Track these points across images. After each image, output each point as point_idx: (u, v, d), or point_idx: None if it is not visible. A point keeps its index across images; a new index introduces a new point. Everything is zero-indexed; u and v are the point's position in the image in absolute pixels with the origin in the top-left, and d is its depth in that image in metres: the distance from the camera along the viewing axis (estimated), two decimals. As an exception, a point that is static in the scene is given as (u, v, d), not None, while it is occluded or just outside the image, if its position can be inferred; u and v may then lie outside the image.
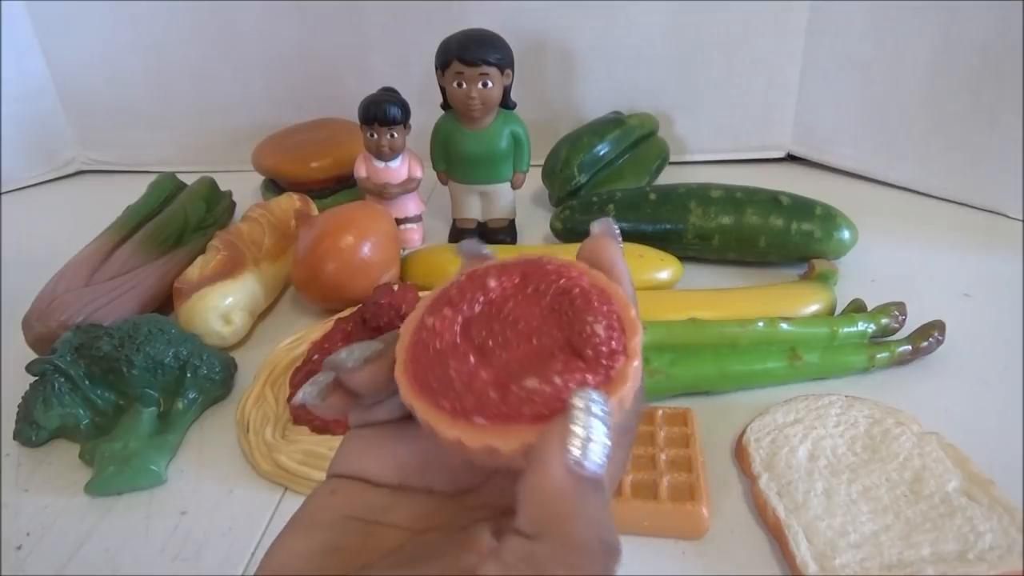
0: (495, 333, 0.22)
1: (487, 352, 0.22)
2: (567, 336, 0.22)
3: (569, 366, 0.21)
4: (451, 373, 0.21)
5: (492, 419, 0.21)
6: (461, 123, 0.66)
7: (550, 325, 0.22)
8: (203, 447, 0.51)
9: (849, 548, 0.38)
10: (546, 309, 0.23)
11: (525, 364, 0.21)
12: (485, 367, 0.21)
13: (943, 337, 0.53)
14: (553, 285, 0.23)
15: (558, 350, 0.22)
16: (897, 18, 0.73)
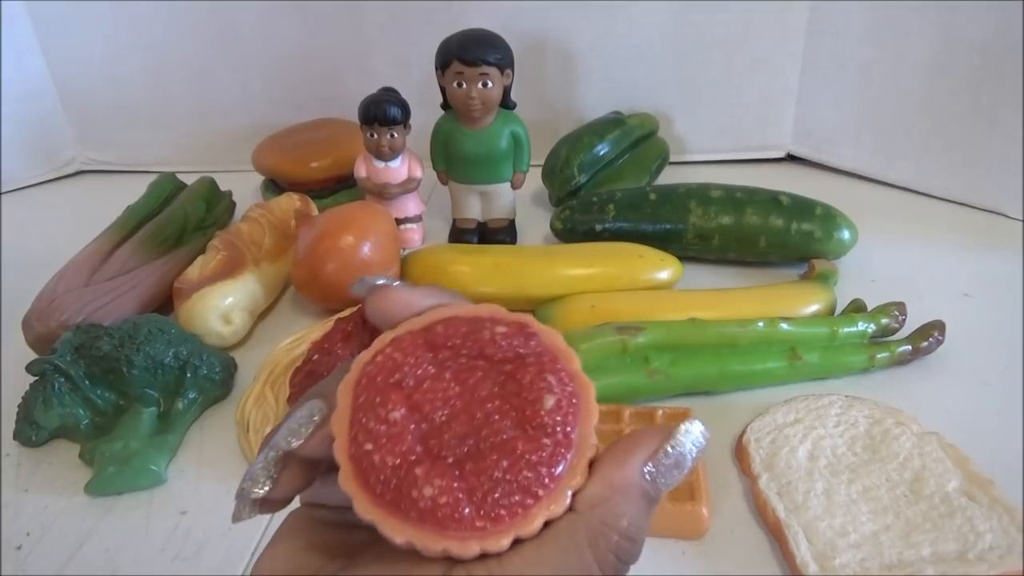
0: (444, 435, 0.21)
1: (444, 460, 0.21)
2: (518, 415, 0.21)
3: (530, 446, 0.21)
4: (415, 495, 0.20)
5: (467, 532, 0.20)
6: (461, 123, 0.66)
7: (499, 406, 0.22)
8: (203, 447, 0.51)
9: (849, 548, 0.38)
10: (491, 385, 0.22)
11: (489, 461, 0.21)
12: (450, 479, 0.20)
13: (943, 337, 0.53)
14: (494, 355, 0.22)
15: (512, 431, 0.21)
16: (897, 18, 0.73)
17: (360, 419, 0.22)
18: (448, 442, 0.21)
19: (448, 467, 0.21)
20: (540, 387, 0.22)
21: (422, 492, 0.20)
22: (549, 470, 0.21)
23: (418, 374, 0.22)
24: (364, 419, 0.22)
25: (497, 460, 0.21)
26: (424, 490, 0.20)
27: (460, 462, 0.21)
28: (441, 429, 0.21)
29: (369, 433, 0.21)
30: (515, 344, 0.23)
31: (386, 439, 0.21)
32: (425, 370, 0.22)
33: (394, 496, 0.20)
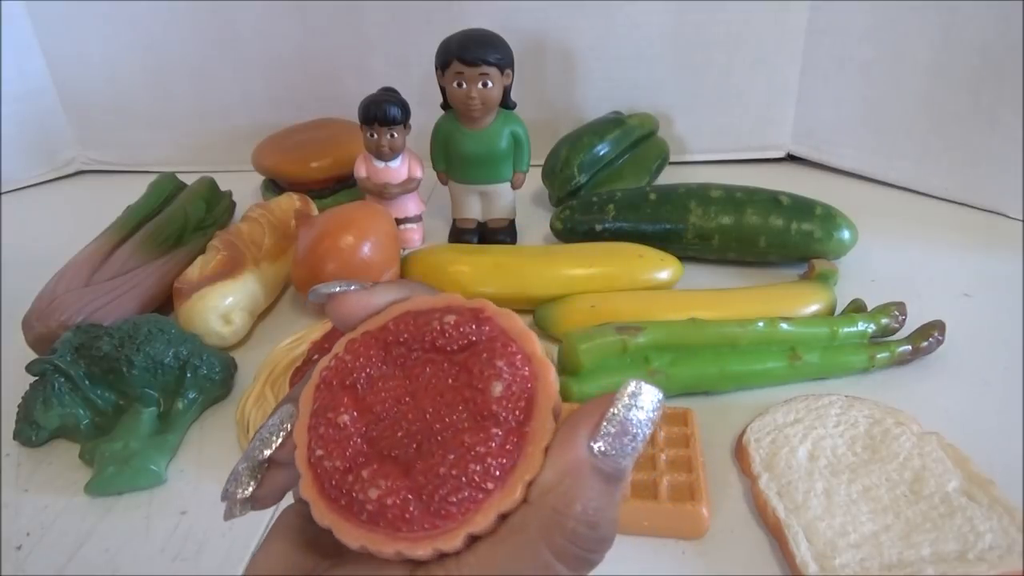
0: (396, 434, 0.21)
1: (394, 460, 0.21)
2: (468, 406, 0.21)
3: (477, 438, 0.20)
4: (362, 497, 0.20)
5: (419, 533, 0.20)
6: (461, 123, 0.66)
7: (450, 399, 0.21)
8: (203, 447, 0.51)
9: (849, 548, 0.38)
10: (444, 377, 0.22)
11: (436, 458, 0.20)
12: (397, 478, 0.20)
13: (943, 337, 0.53)
14: (443, 343, 0.22)
15: (463, 423, 0.21)
16: (897, 18, 0.73)
17: (314, 425, 0.22)
18: (399, 441, 0.21)
19: (396, 467, 0.21)
20: (489, 374, 0.21)
21: (368, 494, 0.20)
22: (499, 461, 0.20)
23: (370, 374, 0.22)
24: (317, 425, 0.22)
25: (444, 456, 0.20)
26: (370, 492, 0.20)
27: (409, 461, 0.21)
28: (392, 428, 0.21)
29: (321, 439, 0.22)
30: (466, 332, 0.22)
31: (334, 444, 0.21)
32: (378, 369, 0.22)
33: (347, 500, 0.21)
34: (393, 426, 0.21)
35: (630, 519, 0.41)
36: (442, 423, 0.21)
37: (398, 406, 0.22)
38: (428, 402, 0.21)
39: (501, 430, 0.20)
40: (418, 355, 0.22)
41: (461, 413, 0.21)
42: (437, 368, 0.22)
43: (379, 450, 0.21)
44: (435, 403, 0.21)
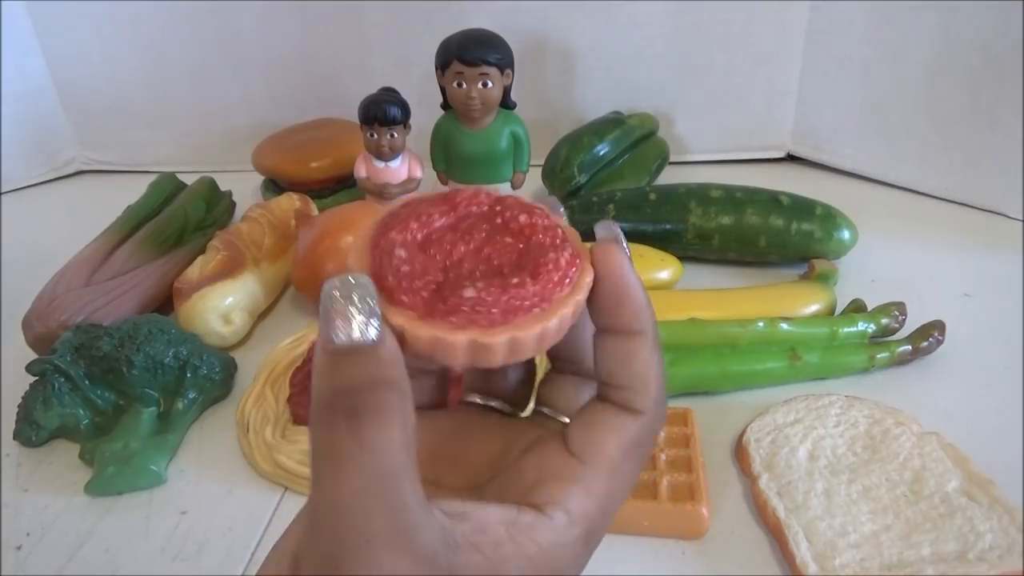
0: (449, 244, 0.23)
1: (441, 262, 0.23)
2: (520, 260, 0.23)
3: (551, 254, 0.23)
4: (404, 269, 0.22)
5: (437, 316, 0.21)
6: (461, 123, 0.66)
7: (506, 248, 0.23)
8: (203, 447, 0.51)
9: (849, 548, 0.38)
10: (504, 235, 0.23)
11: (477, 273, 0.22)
12: (436, 271, 0.22)
13: (943, 337, 0.53)
14: (513, 220, 0.24)
15: (526, 251, 0.23)
16: (897, 18, 0.73)
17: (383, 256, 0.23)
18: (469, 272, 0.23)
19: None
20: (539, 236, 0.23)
21: (464, 293, 0.21)
22: (568, 272, 0.23)
23: (434, 225, 0.24)
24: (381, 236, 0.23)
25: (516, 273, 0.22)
26: (466, 292, 0.21)
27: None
28: (459, 264, 0.23)
29: (384, 240, 0.23)
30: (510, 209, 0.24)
31: (398, 240, 0.23)
32: (440, 222, 0.24)
33: (431, 297, 0.22)
34: (460, 260, 0.23)
35: (630, 519, 0.41)
36: (508, 259, 0.23)
37: (465, 250, 0.23)
38: (489, 249, 0.23)
39: (566, 253, 0.23)
40: (472, 220, 0.24)
41: (517, 249, 0.23)
42: (477, 225, 0.24)
43: (455, 270, 0.23)
44: (495, 249, 0.23)
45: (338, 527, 0.19)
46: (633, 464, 0.24)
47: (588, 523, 0.23)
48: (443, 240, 0.23)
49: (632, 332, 0.24)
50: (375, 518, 0.19)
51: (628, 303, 0.24)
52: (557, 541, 0.22)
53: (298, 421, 0.49)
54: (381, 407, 0.19)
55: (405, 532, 0.19)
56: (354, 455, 0.19)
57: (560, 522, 0.22)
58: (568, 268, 0.23)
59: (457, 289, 0.21)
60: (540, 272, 0.22)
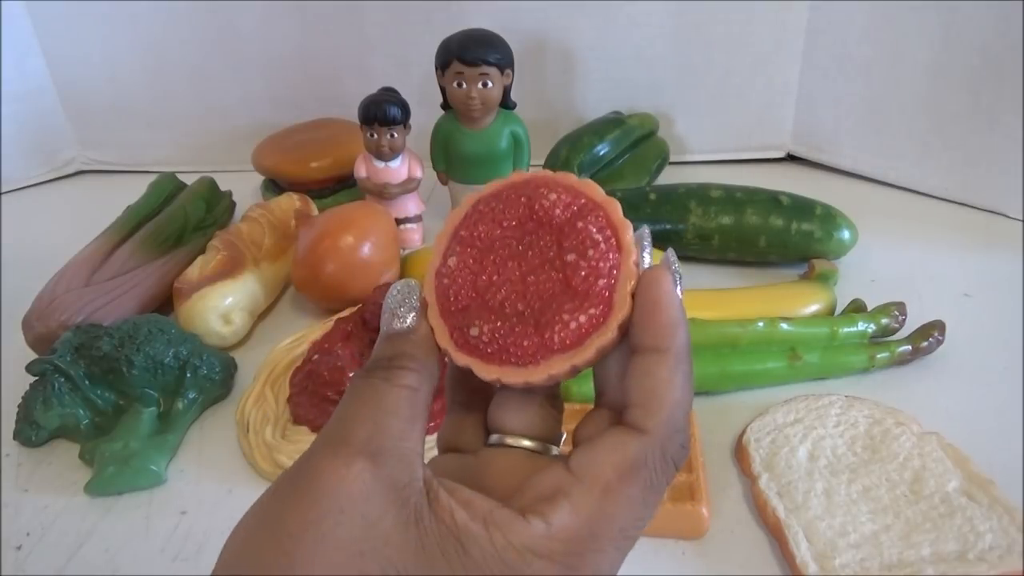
0: (504, 257, 0.25)
1: (501, 308, 0.24)
2: (546, 303, 0.24)
3: (573, 308, 0.23)
4: (445, 282, 0.25)
5: (518, 362, 0.24)
6: (461, 123, 0.66)
7: (547, 283, 0.24)
8: (203, 447, 0.51)
9: (849, 548, 0.38)
10: (555, 265, 0.24)
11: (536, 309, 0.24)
12: (504, 322, 0.24)
13: (943, 337, 0.53)
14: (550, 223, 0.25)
15: (559, 292, 0.24)
16: (897, 18, 0.73)
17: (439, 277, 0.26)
18: (503, 298, 0.25)
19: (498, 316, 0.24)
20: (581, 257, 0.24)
21: (470, 332, 0.24)
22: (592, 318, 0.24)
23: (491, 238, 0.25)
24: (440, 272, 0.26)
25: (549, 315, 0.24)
26: (471, 330, 0.24)
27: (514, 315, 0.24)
28: (497, 285, 0.25)
29: (443, 280, 0.26)
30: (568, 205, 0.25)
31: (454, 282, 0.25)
32: (499, 235, 0.25)
33: (457, 332, 0.25)
34: (499, 284, 0.25)
35: (630, 519, 0.41)
36: (540, 296, 0.24)
37: (505, 269, 0.25)
38: (534, 279, 0.24)
39: (588, 311, 0.23)
40: (540, 235, 0.25)
41: (557, 286, 0.24)
42: (539, 241, 0.25)
43: (484, 298, 0.25)
44: (538, 280, 0.24)
45: (326, 432, 0.23)
46: (635, 489, 0.22)
47: (570, 542, 0.22)
48: (502, 249, 0.25)
49: (653, 349, 0.23)
50: (358, 430, 0.22)
51: (655, 320, 0.23)
52: (529, 546, 0.21)
53: (298, 421, 0.49)
54: (394, 370, 0.24)
55: (380, 450, 0.22)
56: (362, 393, 0.24)
57: (537, 529, 0.21)
58: (582, 330, 0.23)
59: (468, 324, 0.24)
60: (546, 328, 0.23)
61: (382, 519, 0.21)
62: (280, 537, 0.21)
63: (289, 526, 0.21)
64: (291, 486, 0.22)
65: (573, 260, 0.24)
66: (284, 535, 0.21)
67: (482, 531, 0.21)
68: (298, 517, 0.21)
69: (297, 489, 0.21)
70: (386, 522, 0.21)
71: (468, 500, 0.22)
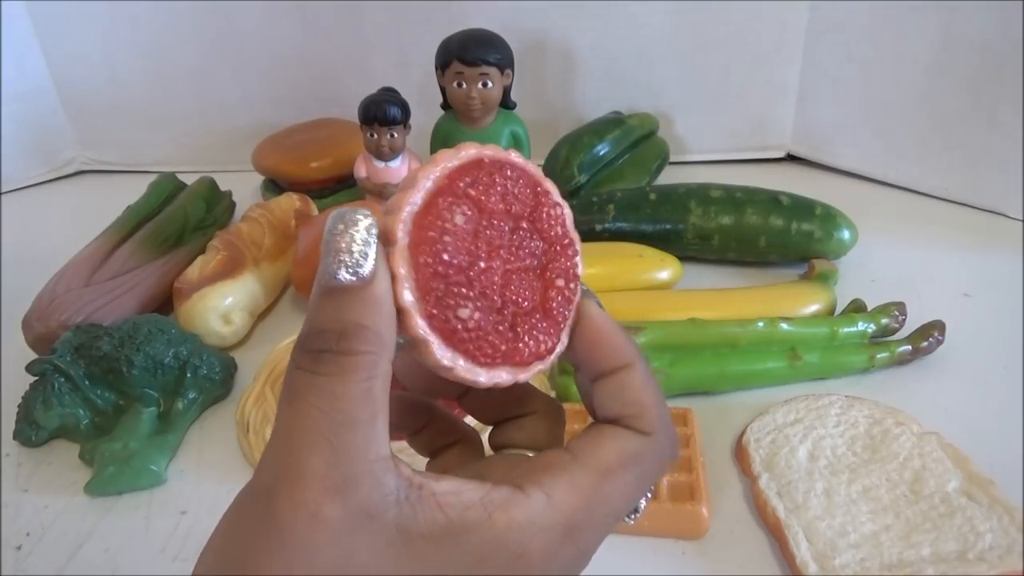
0: (495, 244, 0.22)
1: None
2: (544, 296, 0.23)
3: (546, 328, 0.23)
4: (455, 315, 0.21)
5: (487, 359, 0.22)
6: (461, 123, 0.66)
7: (528, 290, 0.23)
8: (203, 447, 0.51)
9: (849, 548, 0.38)
10: (537, 274, 0.24)
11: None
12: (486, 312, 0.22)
13: (943, 337, 0.53)
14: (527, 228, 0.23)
15: (535, 306, 0.23)
16: (897, 18, 0.73)
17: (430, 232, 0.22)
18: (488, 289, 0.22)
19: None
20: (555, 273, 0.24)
21: (459, 313, 0.21)
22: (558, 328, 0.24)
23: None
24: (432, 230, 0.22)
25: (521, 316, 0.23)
26: (461, 312, 0.21)
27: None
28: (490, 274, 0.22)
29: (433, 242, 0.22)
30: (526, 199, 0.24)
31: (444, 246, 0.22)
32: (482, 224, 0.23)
33: (440, 312, 0.21)
34: (490, 269, 0.22)
35: (630, 519, 0.41)
36: (519, 300, 0.23)
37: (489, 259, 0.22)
38: (516, 271, 0.23)
39: (552, 336, 0.23)
40: (523, 234, 0.23)
41: (535, 298, 0.23)
42: (530, 244, 0.23)
43: (475, 278, 0.22)
44: (520, 276, 0.23)
45: (280, 460, 0.20)
46: (631, 477, 0.23)
47: (571, 515, 0.21)
48: (498, 231, 0.22)
49: (619, 368, 0.24)
50: (316, 459, 0.19)
51: (605, 346, 0.24)
52: (532, 520, 0.20)
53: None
54: (344, 355, 0.19)
55: (344, 479, 0.19)
56: (309, 397, 0.19)
57: (538, 502, 0.21)
58: (540, 352, 0.23)
59: (458, 303, 0.21)
60: (521, 336, 0.22)
61: (357, 552, 0.19)
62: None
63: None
64: (254, 530, 0.20)
65: (561, 285, 0.24)
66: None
67: (481, 515, 0.20)
68: (266, 565, 0.19)
69: (261, 534, 0.19)
70: (361, 553, 0.19)
71: (458, 489, 0.21)
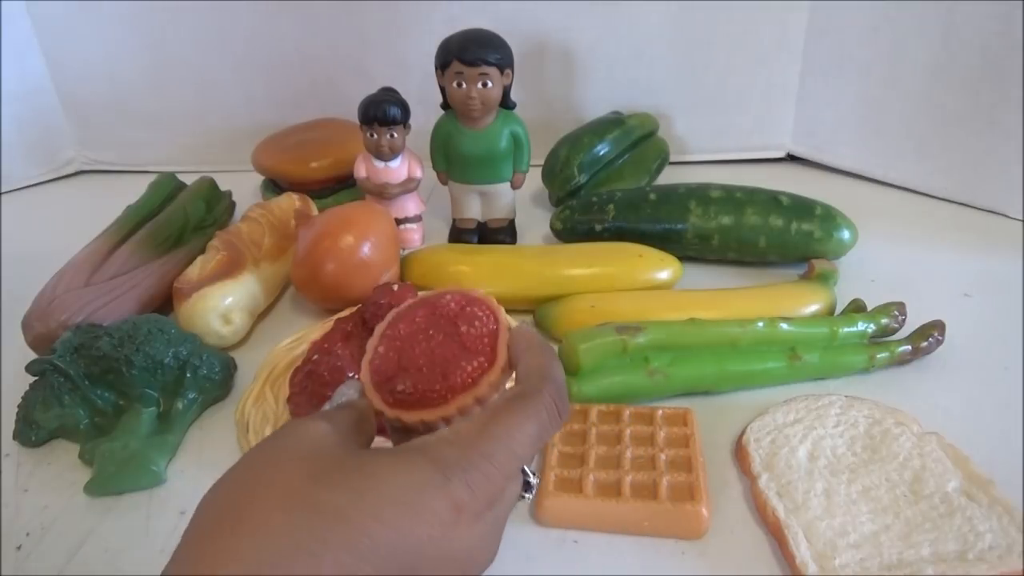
0: (419, 337, 0.35)
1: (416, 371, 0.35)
2: (461, 343, 0.35)
3: (467, 359, 0.34)
4: (376, 363, 0.35)
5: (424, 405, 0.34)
6: (461, 123, 0.66)
7: (448, 338, 0.35)
8: (203, 447, 0.51)
9: (849, 548, 0.38)
10: (446, 329, 0.35)
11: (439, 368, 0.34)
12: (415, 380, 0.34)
13: (943, 337, 0.53)
14: (445, 312, 0.36)
15: (458, 353, 0.34)
16: (897, 18, 0.73)
17: (375, 352, 0.36)
18: (418, 365, 0.35)
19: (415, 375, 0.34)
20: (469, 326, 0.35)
21: (398, 387, 0.34)
22: (476, 371, 0.34)
23: (402, 330, 0.36)
24: (376, 351, 0.36)
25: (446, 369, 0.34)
26: (399, 386, 0.34)
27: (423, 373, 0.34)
28: (413, 357, 0.35)
29: (373, 362, 0.36)
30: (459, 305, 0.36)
31: (382, 361, 0.36)
32: (408, 328, 0.36)
33: (389, 393, 0.34)
34: (415, 356, 0.35)
35: (630, 519, 0.41)
36: (444, 358, 0.34)
37: (416, 347, 0.35)
38: (436, 346, 0.35)
39: (478, 360, 0.34)
40: (429, 319, 0.36)
41: (456, 350, 0.34)
42: (440, 325, 0.36)
43: (404, 366, 0.34)
44: (441, 347, 0.35)
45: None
46: (520, 418, 0.31)
47: (465, 439, 0.30)
48: (415, 336, 0.35)
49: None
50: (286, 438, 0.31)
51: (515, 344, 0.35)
52: (440, 436, 0.30)
53: (298, 421, 0.49)
54: (341, 410, 0.34)
55: (333, 416, 0.32)
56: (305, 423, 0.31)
57: (444, 431, 0.31)
58: (476, 373, 0.34)
59: (394, 384, 0.34)
60: (450, 375, 0.33)
61: (326, 439, 0.30)
62: (251, 455, 0.30)
63: (257, 450, 0.30)
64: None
65: (465, 330, 0.34)
66: (254, 453, 0.30)
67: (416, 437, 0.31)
68: (265, 444, 0.30)
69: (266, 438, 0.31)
70: (329, 440, 0.30)
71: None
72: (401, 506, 0.27)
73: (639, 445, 0.45)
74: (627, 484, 0.42)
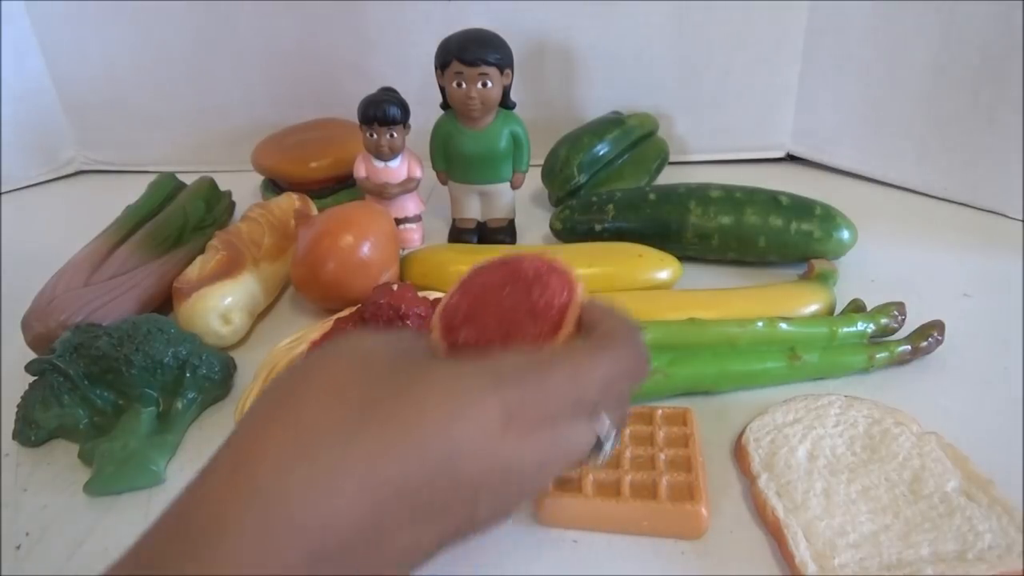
0: (491, 298, 0.36)
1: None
2: (530, 307, 0.35)
3: (531, 325, 0.34)
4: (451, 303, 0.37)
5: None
6: (461, 123, 0.66)
7: (519, 301, 0.35)
8: (203, 447, 0.51)
9: (848, 548, 0.38)
10: (520, 292, 0.35)
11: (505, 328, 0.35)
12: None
13: (943, 337, 0.53)
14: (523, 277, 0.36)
15: (525, 318, 0.34)
16: (897, 18, 0.73)
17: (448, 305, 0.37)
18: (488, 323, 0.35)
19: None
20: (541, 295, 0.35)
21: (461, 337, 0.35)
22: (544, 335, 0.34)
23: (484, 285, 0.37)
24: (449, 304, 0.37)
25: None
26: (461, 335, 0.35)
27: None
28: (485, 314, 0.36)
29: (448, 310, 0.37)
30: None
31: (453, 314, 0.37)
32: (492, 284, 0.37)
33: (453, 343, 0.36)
34: (484, 310, 0.35)
35: (629, 519, 0.41)
36: (511, 321, 0.35)
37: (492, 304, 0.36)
38: (509, 308, 0.35)
39: (542, 328, 0.34)
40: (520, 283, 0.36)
41: (525, 315, 0.35)
42: (516, 288, 0.36)
43: (471, 317, 0.35)
44: (512, 309, 0.35)
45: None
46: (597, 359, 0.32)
47: (525, 362, 0.31)
48: (489, 293, 0.36)
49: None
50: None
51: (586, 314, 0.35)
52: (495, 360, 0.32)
53: (297, 421, 0.49)
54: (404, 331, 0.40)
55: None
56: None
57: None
58: (537, 341, 0.34)
59: (459, 331, 0.35)
60: (512, 338, 0.34)
61: (386, 344, 0.32)
62: (313, 354, 0.32)
63: (319, 350, 0.32)
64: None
65: (537, 296, 0.35)
66: (316, 352, 0.32)
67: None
68: (328, 345, 0.32)
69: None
70: (386, 346, 0.32)
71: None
72: (447, 402, 0.27)
73: (638, 445, 0.45)
74: (626, 484, 0.42)
